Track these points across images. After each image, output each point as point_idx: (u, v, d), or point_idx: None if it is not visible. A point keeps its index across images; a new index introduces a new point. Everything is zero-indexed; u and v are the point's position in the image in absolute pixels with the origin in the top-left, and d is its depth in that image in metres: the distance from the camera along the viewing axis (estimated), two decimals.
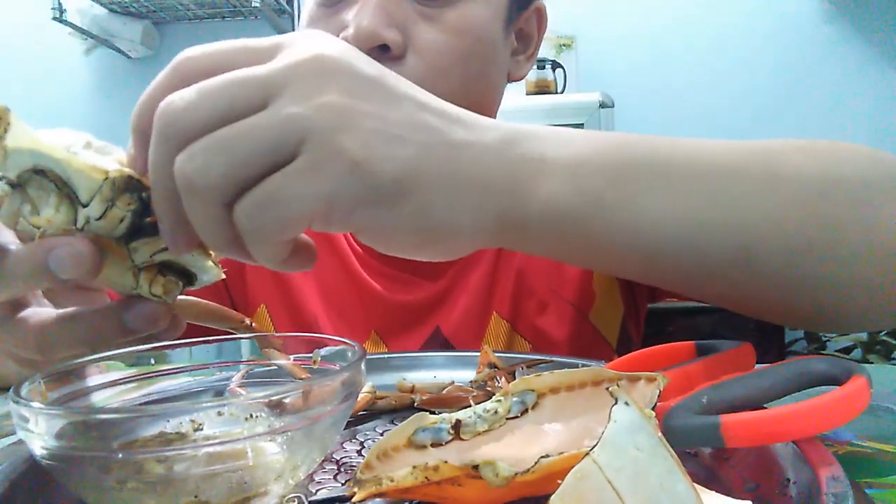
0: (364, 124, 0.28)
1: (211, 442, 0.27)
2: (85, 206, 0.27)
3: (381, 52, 0.54)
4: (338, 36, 0.52)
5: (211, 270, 0.32)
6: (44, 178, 0.27)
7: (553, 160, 0.33)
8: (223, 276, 0.33)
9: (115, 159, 0.30)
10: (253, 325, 0.39)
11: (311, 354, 0.38)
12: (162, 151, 0.28)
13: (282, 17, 2.19)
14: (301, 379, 0.37)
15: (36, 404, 0.27)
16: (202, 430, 0.34)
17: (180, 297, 0.35)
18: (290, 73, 0.28)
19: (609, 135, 0.36)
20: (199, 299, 0.37)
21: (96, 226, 0.28)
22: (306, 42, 0.29)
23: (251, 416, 0.34)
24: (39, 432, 0.26)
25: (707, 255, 0.35)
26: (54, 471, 0.28)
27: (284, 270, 0.31)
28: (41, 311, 0.33)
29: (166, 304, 0.31)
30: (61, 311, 0.32)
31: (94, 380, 0.36)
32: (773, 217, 0.35)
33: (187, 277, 0.32)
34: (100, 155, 0.29)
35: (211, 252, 0.32)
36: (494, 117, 0.65)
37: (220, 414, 0.34)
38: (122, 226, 0.28)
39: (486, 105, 0.62)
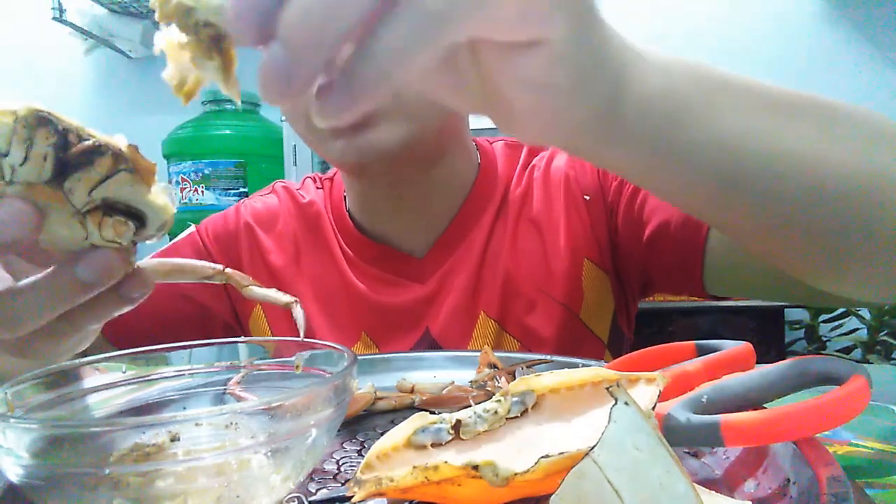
0: None
1: (203, 455, 0.27)
2: (6, 155, 0.26)
3: None
4: None
5: (159, 206, 0.29)
6: None
7: (648, 57, 0.32)
8: (174, 211, 0.30)
9: (22, 103, 0.27)
10: (226, 270, 0.37)
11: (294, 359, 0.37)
12: None
13: None
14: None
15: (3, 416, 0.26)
16: (178, 440, 0.33)
17: (147, 260, 0.33)
18: None
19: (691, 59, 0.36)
20: (165, 259, 0.35)
21: (23, 173, 0.26)
22: None
23: (231, 423, 0.33)
24: (9, 447, 0.25)
25: (781, 180, 0.34)
26: (29, 490, 0.26)
27: None
28: None
29: (122, 251, 0.29)
30: (16, 283, 0.30)
31: (81, 384, 0.35)
32: (837, 157, 0.35)
33: (137, 219, 0.29)
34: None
35: (152, 186, 0.29)
36: None
37: (197, 425, 0.33)
38: (48, 165, 0.26)
39: None
